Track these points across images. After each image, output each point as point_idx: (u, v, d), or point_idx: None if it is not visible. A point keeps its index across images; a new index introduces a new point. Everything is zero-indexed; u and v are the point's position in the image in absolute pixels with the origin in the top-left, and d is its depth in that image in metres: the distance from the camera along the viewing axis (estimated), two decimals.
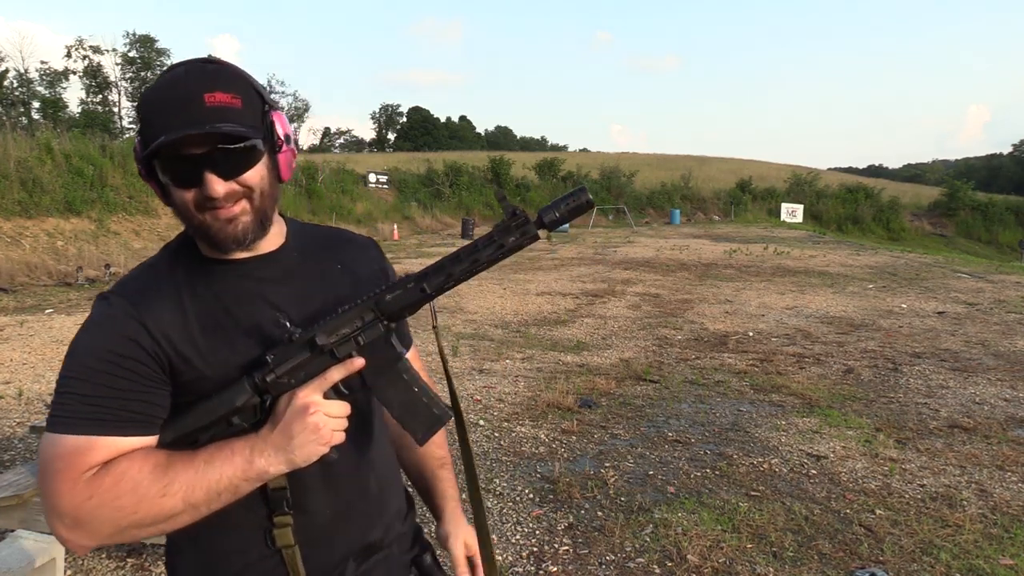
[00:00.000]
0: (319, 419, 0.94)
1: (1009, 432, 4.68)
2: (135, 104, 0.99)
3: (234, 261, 1.03)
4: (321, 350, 0.97)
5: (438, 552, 1.24)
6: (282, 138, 1.00)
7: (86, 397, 0.91)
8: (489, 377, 6.12)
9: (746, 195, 42.21)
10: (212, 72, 0.94)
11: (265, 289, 1.04)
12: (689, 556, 3.03)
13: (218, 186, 0.93)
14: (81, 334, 0.96)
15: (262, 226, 1.00)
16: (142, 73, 60.63)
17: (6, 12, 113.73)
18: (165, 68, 0.98)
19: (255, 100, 0.97)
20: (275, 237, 1.07)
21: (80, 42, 56.95)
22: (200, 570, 1.04)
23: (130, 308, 0.97)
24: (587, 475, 3.95)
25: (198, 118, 0.90)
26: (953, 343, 7.57)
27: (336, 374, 0.97)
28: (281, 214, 1.12)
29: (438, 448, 1.28)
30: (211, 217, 0.95)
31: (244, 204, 0.96)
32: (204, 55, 1.03)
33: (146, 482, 0.89)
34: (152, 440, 0.95)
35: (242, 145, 0.93)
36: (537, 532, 3.31)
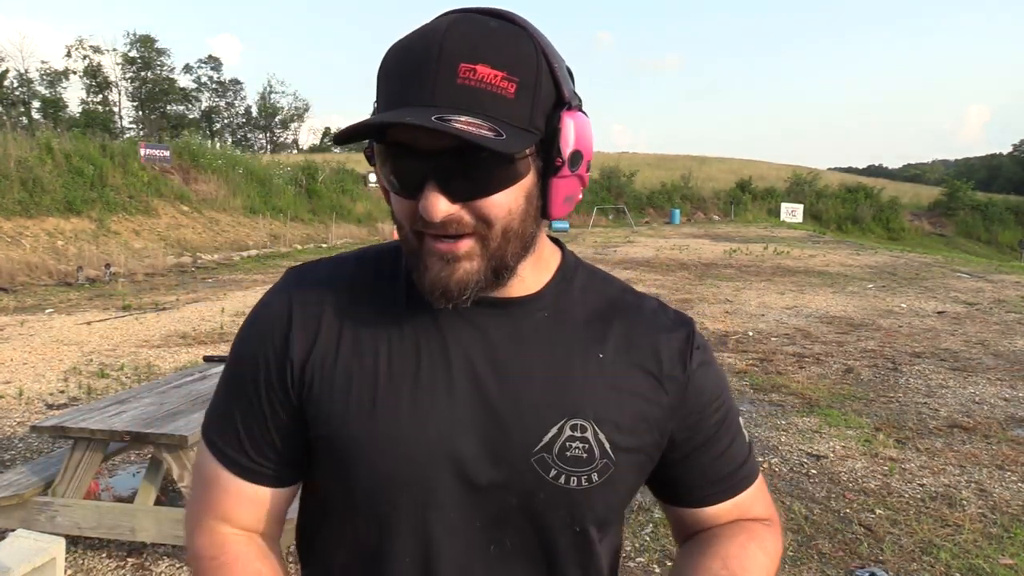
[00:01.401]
0: None
1: (1009, 432, 4.68)
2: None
3: None
4: None
5: None
6: (565, 157, 0.66)
7: (220, 416, 0.77)
8: None
9: (746, 195, 42.22)
10: (489, 33, 0.62)
11: (473, 350, 0.72)
12: None
13: (438, 205, 0.62)
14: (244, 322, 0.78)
15: (495, 278, 0.68)
16: (142, 73, 60.67)
17: (6, 12, 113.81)
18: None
19: (544, 90, 0.64)
20: (527, 280, 0.74)
21: (80, 42, 57.05)
22: None
23: (286, 306, 0.75)
24: None
25: (433, 98, 0.60)
26: (953, 343, 7.57)
27: None
28: (559, 243, 0.81)
29: (726, 569, 0.76)
30: (425, 247, 0.66)
31: (471, 245, 0.65)
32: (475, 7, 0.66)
33: None
34: (285, 492, 0.78)
35: (496, 155, 0.61)
36: None
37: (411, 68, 0.62)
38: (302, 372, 0.72)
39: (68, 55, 56.78)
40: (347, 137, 0.62)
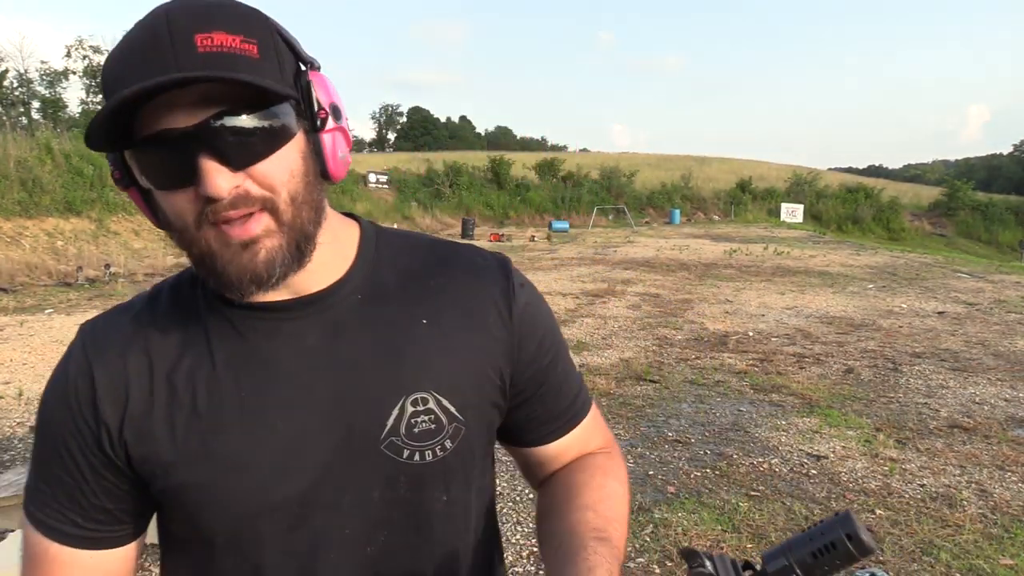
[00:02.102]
0: None
1: (1009, 432, 4.68)
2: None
3: (254, 305, 0.68)
4: None
5: None
6: (326, 109, 0.64)
7: (37, 490, 0.72)
8: None
9: (746, 195, 42.23)
10: (212, 7, 0.59)
11: (292, 355, 0.68)
12: None
13: (220, 179, 0.57)
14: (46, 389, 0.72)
15: (299, 252, 0.64)
16: None
17: (6, 12, 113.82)
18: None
19: (283, 53, 0.62)
20: (330, 265, 0.71)
21: (80, 42, 56.87)
22: None
23: (86, 367, 0.68)
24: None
25: (181, 65, 0.55)
26: (953, 343, 7.57)
27: None
28: (354, 217, 0.78)
29: (597, 516, 0.75)
30: (216, 238, 0.61)
31: (266, 220, 0.61)
32: None
33: None
34: (130, 548, 0.73)
35: (265, 111, 0.59)
36: None
37: (140, 56, 0.56)
38: (120, 433, 0.67)
39: (68, 55, 56.66)
40: (97, 135, 0.58)
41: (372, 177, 32.18)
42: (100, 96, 0.56)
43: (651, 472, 4.00)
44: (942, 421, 4.93)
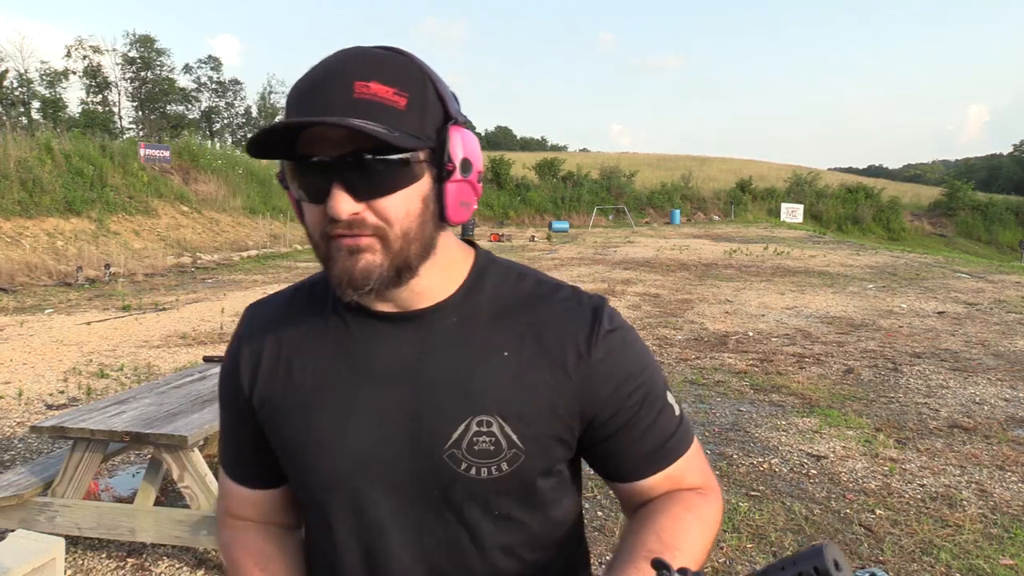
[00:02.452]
0: None
1: (1009, 432, 4.68)
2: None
3: (367, 311, 0.81)
4: None
5: None
6: (455, 164, 0.73)
7: (221, 434, 0.94)
8: None
9: (746, 195, 42.22)
10: (380, 59, 0.70)
11: (386, 360, 0.80)
12: None
13: (343, 204, 0.69)
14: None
15: (397, 276, 0.74)
16: (142, 73, 60.67)
17: (6, 12, 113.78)
18: None
19: (432, 107, 0.72)
20: (438, 288, 0.80)
21: (80, 42, 56.96)
22: None
23: (238, 339, 0.88)
24: (587, 475, 3.95)
25: (332, 111, 0.67)
26: (953, 343, 7.57)
27: None
28: (474, 244, 0.87)
29: (659, 540, 0.78)
30: (334, 247, 0.72)
31: (372, 240, 0.71)
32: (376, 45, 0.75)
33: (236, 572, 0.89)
34: (281, 492, 0.91)
35: (388, 158, 0.69)
36: None
37: (309, 90, 0.69)
38: (251, 398, 0.84)
39: (68, 55, 56.72)
40: (258, 146, 0.70)
41: None
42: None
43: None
44: (942, 421, 4.92)
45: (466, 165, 0.74)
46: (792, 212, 39.79)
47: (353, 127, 0.65)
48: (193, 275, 14.30)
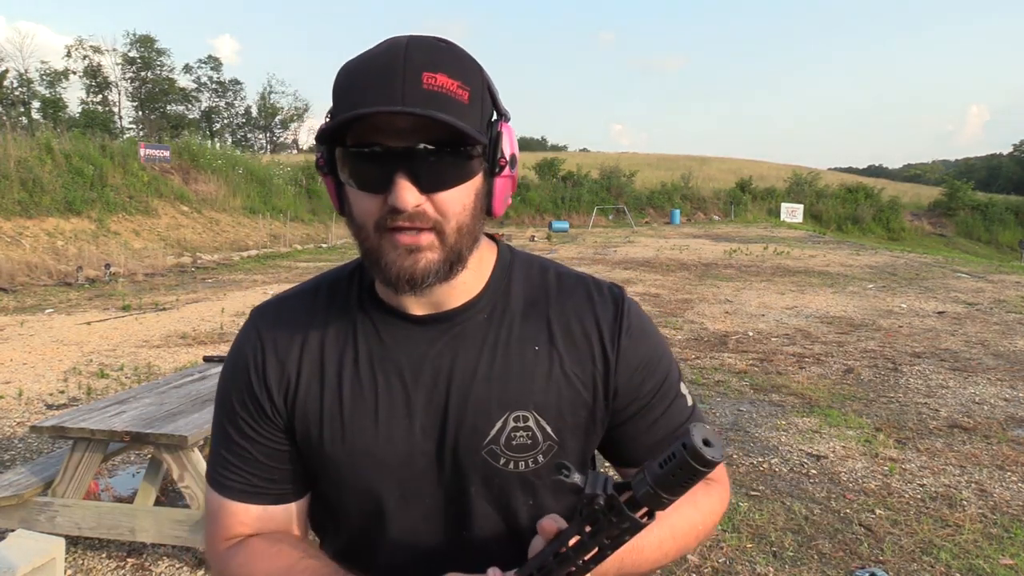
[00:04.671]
0: None
1: (1009, 432, 4.68)
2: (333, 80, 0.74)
3: (397, 313, 0.81)
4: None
5: None
6: (507, 158, 0.75)
7: (216, 453, 0.85)
8: None
9: (746, 195, 42.21)
10: (443, 50, 0.71)
11: (420, 362, 0.80)
12: (688, 556, 3.03)
13: (409, 195, 0.68)
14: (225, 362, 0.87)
15: (450, 269, 0.74)
16: (142, 73, 60.66)
17: (7, 12, 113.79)
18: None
19: (486, 102, 0.74)
20: (468, 285, 0.81)
21: (80, 42, 57.07)
22: None
23: (258, 345, 0.83)
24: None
25: (403, 100, 0.66)
26: (953, 343, 7.57)
27: None
28: (493, 238, 0.88)
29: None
30: (388, 242, 0.72)
31: (432, 238, 0.72)
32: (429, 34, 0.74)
33: None
34: (297, 504, 0.86)
35: (459, 150, 0.70)
36: None
37: (376, 77, 0.68)
38: (283, 403, 0.81)
39: (68, 55, 56.79)
40: (331, 131, 0.69)
41: None
42: (333, 97, 0.74)
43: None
44: (942, 421, 4.92)
45: (513, 160, 0.76)
46: (792, 212, 39.79)
47: (439, 119, 0.66)
48: (193, 275, 14.30)
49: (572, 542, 0.64)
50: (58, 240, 15.12)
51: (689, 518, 0.83)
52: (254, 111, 71.94)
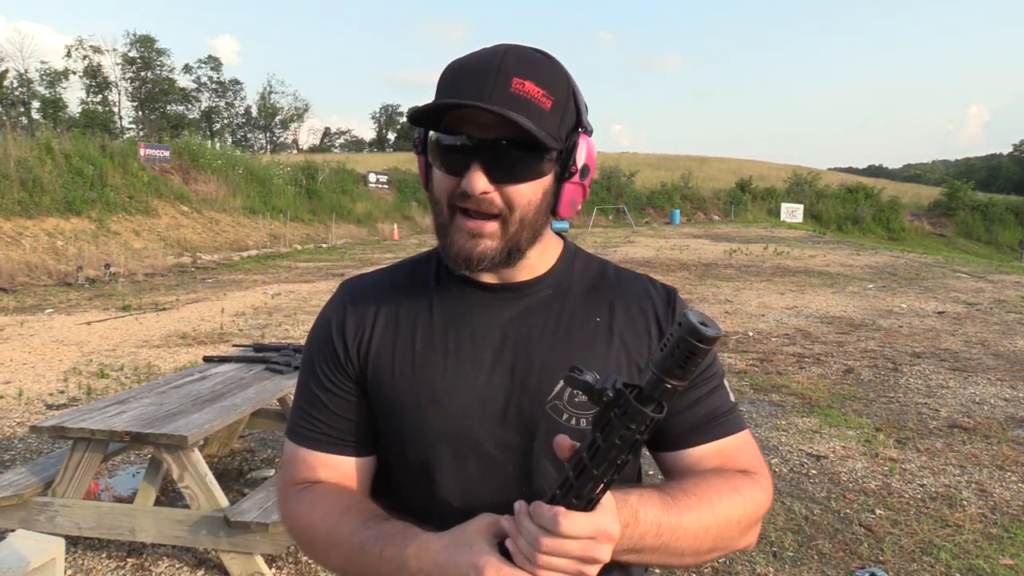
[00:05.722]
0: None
1: (1009, 432, 4.68)
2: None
3: (471, 281, 0.89)
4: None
5: None
6: (578, 167, 0.83)
7: (295, 408, 0.93)
8: None
9: (746, 195, 42.23)
10: (536, 61, 0.81)
11: (491, 324, 0.88)
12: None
13: (478, 182, 0.78)
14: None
15: (508, 257, 0.83)
16: (142, 73, 60.67)
17: (7, 12, 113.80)
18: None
19: (569, 113, 0.82)
20: (535, 266, 0.91)
21: (80, 42, 57.09)
22: None
23: (341, 306, 0.93)
24: None
25: (491, 99, 0.76)
26: (953, 343, 7.57)
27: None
28: (562, 236, 0.98)
29: (683, 491, 0.85)
30: (457, 221, 0.82)
31: (495, 227, 0.81)
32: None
33: (320, 533, 0.85)
34: (361, 461, 0.92)
35: (532, 150, 0.78)
36: None
37: (472, 76, 0.78)
38: (356, 355, 0.89)
39: (68, 55, 56.80)
40: (421, 114, 0.78)
41: (372, 177, 32.19)
42: (436, 90, 0.85)
43: (650, 472, 3.99)
44: (942, 421, 4.93)
45: (585, 170, 0.84)
46: (792, 212, 39.80)
47: (513, 119, 0.74)
48: (193, 275, 14.30)
49: (587, 452, 0.65)
50: (58, 240, 15.12)
51: (731, 501, 0.82)
52: (254, 111, 71.99)
